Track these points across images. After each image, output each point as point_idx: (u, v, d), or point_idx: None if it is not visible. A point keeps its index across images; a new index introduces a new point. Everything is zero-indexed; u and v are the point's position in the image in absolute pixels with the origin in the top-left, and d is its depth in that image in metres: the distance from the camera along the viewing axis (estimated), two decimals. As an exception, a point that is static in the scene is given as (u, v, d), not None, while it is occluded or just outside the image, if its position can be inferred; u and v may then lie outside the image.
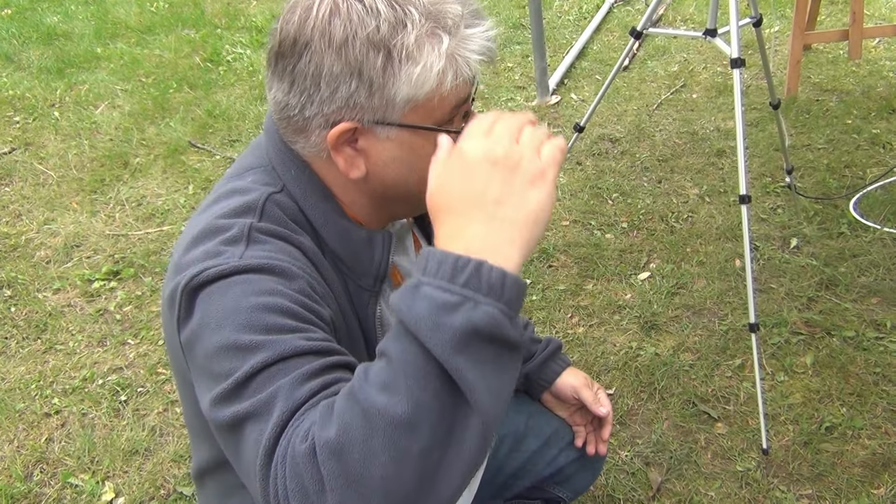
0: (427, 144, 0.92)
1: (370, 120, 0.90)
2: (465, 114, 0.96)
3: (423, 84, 0.88)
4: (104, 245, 2.99)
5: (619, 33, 4.54)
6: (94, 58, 4.77)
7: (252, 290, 0.84)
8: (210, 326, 0.84)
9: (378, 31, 0.86)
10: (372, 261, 1.00)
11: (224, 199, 0.97)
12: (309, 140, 0.94)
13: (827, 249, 2.59)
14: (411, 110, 0.90)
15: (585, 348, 2.31)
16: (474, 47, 0.89)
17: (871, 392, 2.06)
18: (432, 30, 0.87)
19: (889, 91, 3.55)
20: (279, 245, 0.91)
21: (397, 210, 1.04)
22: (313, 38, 0.87)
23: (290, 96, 0.91)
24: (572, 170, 3.23)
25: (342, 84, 0.88)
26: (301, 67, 0.89)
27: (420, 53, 0.87)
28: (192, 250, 0.91)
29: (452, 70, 0.89)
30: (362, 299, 1.00)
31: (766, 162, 3.11)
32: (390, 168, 0.95)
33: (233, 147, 3.66)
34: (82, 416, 2.23)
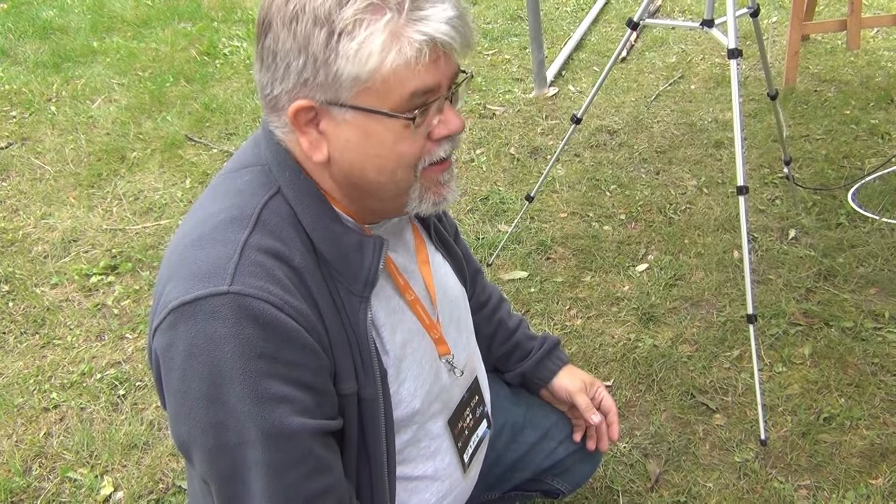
0: (383, 130, 0.92)
1: (323, 99, 0.91)
2: (441, 108, 0.95)
3: (366, 62, 0.87)
4: (102, 239, 2.99)
5: (616, 24, 4.53)
6: (91, 52, 4.76)
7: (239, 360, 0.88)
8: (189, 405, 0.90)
9: (324, 6, 0.86)
10: (361, 266, 0.99)
11: (220, 199, 0.98)
12: (280, 119, 0.95)
13: (825, 240, 2.59)
14: (362, 92, 0.90)
15: (583, 340, 2.31)
16: (425, 28, 0.87)
17: (869, 382, 2.06)
18: (374, 6, 0.86)
19: (887, 81, 3.54)
20: (269, 269, 0.91)
21: (369, 203, 1.03)
22: (275, 17, 0.89)
23: (261, 74, 0.94)
24: (570, 162, 3.22)
25: (293, 60, 0.89)
26: (267, 45, 0.91)
27: (358, 28, 0.86)
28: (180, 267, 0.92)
29: (396, 49, 0.87)
30: (353, 304, 1.00)
31: (765, 153, 3.11)
32: (348, 151, 0.95)
33: (230, 140, 3.65)
34: (81, 411, 2.23)
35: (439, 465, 1.23)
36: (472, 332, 1.34)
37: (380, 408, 1.04)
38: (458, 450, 1.27)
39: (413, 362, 1.11)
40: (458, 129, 0.97)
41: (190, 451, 0.94)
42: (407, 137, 0.94)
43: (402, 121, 0.92)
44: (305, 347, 0.92)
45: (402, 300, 1.11)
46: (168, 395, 0.92)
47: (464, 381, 1.27)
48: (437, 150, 0.98)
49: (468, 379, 1.29)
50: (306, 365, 0.93)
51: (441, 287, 1.20)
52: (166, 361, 0.90)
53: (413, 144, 0.95)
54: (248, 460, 0.91)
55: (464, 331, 1.28)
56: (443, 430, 1.22)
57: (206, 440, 0.91)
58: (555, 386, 1.47)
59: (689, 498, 1.83)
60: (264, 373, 0.89)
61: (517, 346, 1.49)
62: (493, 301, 1.49)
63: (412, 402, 1.12)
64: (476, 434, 1.32)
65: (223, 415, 0.89)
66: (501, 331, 1.49)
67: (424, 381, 1.14)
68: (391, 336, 1.07)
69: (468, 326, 1.31)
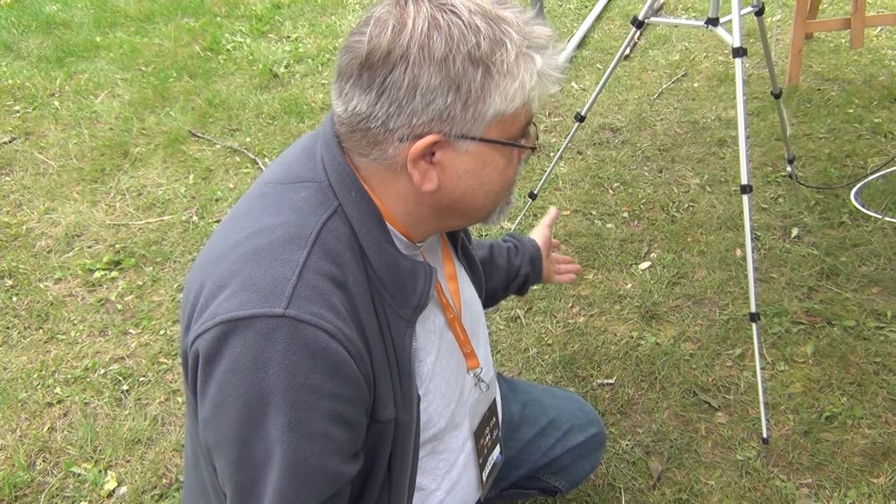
0: (499, 158, 0.96)
1: (456, 133, 0.91)
2: (526, 129, 0.99)
3: (514, 100, 0.91)
4: (105, 235, 2.99)
5: (620, 22, 4.52)
6: (94, 47, 4.76)
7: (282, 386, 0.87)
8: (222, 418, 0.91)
9: (478, 47, 0.88)
10: (415, 292, 1.00)
11: (276, 213, 0.96)
12: (385, 152, 0.94)
13: (828, 239, 2.59)
14: (495, 125, 0.92)
15: (586, 338, 2.32)
16: (557, 65, 0.94)
17: (871, 381, 2.07)
18: (528, 49, 0.90)
19: (891, 80, 3.54)
20: (326, 295, 0.90)
21: (453, 222, 1.05)
22: (411, 51, 0.87)
23: (377, 107, 0.91)
24: (573, 159, 3.22)
25: (439, 97, 0.89)
26: (395, 78, 0.88)
27: (517, 70, 0.89)
28: (234, 278, 0.91)
29: (540, 88, 0.92)
30: (400, 329, 1.00)
31: (768, 151, 3.11)
32: (462, 181, 0.96)
33: (233, 136, 3.65)
34: (84, 406, 2.23)
35: (457, 477, 1.24)
36: (489, 347, 1.35)
37: (412, 431, 1.05)
38: (479, 465, 1.28)
39: (441, 380, 1.12)
40: (538, 146, 1.03)
41: (214, 456, 0.96)
42: (513, 161, 0.99)
43: (517, 149, 0.98)
44: (350, 380, 0.92)
45: (443, 317, 1.12)
46: (203, 401, 0.92)
47: (488, 396, 1.28)
48: (520, 166, 1.03)
49: (491, 395, 1.30)
50: (348, 399, 0.92)
51: (466, 303, 1.21)
52: (207, 369, 0.90)
53: (514, 167, 1.00)
54: (267, 479, 0.92)
55: (483, 343, 1.29)
56: (463, 442, 1.23)
57: (231, 452, 0.92)
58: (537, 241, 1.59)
59: (690, 496, 1.83)
60: (305, 405, 0.88)
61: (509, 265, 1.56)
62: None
63: (439, 422, 1.14)
64: (492, 456, 1.33)
65: (254, 434, 0.89)
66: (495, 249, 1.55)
67: (451, 398, 1.16)
68: (426, 357, 1.09)
69: (487, 340, 1.33)
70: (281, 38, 4.73)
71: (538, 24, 0.93)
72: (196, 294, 0.94)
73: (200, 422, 0.94)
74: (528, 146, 0.99)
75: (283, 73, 4.26)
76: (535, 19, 0.93)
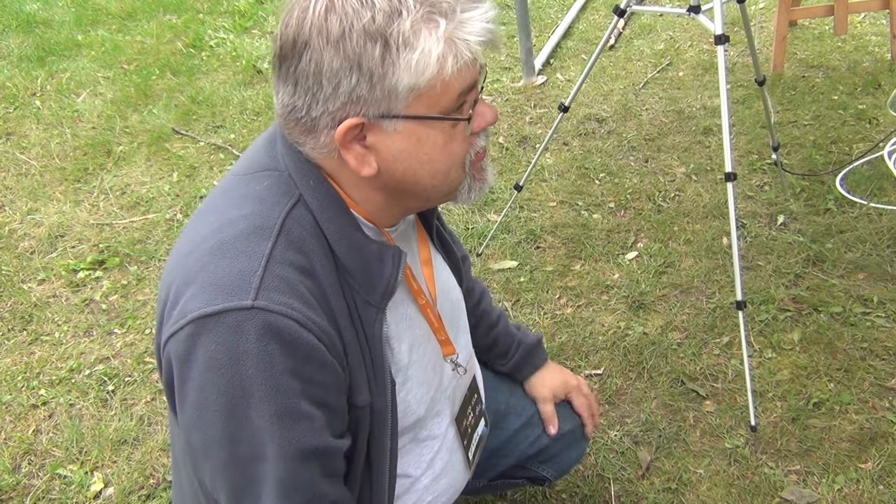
0: (435, 134, 0.93)
1: (375, 114, 0.89)
2: (474, 101, 0.96)
3: (424, 70, 0.87)
4: (89, 234, 2.97)
5: (604, 12, 4.52)
6: (75, 45, 4.71)
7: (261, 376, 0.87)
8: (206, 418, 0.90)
9: (374, 21, 0.85)
10: (381, 277, 0.99)
11: (239, 205, 0.95)
12: (318, 141, 0.93)
13: (814, 226, 2.59)
14: (415, 100, 0.89)
15: (574, 329, 2.31)
16: (473, 29, 0.88)
17: (858, 367, 2.07)
18: (428, 15, 0.86)
19: (875, 66, 3.54)
20: (293, 284, 0.90)
21: (410, 204, 1.04)
22: (311, 37, 0.87)
23: (296, 98, 0.90)
24: (559, 150, 3.21)
25: (343, 79, 0.87)
26: (303, 67, 0.88)
27: (417, 39, 0.86)
28: (201, 274, 0.90)
29: (452, 54, 0.88)
30: (369, 316, 1.00)
31: (753, 139, 3.11)
32: (400, 161, 0.94)
33: (217, 133, 3.62)
34: (70, 407, 2.22)
35: (442, 463, 1.24)
36: (469, 332, 1.34)
37: (388, 417, 1.04)
38: (465, 447, 1.28)
39: (419, 368, 1.12)
40: (494, 118, 0.99)
41: (202, 461, 0.94)
42: (456, 137, 0.95)
43: (451, 122, 0.93)
44: (325, 365, 0.92)
45: (415, 305, 1.11)
46: (183, 404, 0.91)
47: (466, 379, 1.28)
48: (478, 141, 1.00)
49: (469, 377, 1.30)
50: (325, 383, 0.92)
51: (442, 289, 1.20)
52: (183, 371, 0.89)
53: (461, 142, 0.96)
54: (262, 475, 0.91)
55: (463, 331, 1.29)
56: (445, 429, 1.23)
57: (220, 452, 0.91)
58: (526, 390, 1.51)
59: (680, 485, 1.83)
60: (285, 389, 0.88)
61: (496, 341, 1.50)
62: (476, 292, 1.50)
63: (417, 409, 1.13)
64: (477, 432, 1.33)
65: (240, 429, 0.89)
66: (483, 322, 1.50)
67: (430, 386, 1.15)
68: (399, 345, 1.08)
69: (467, 327, 1.32)
70: (264, 34, 4.70)
71: None
72: (166, 292, 0.94)
73: (183, 427, 0.93)
74: (461, 118, 0.94)
75: (266, 68, 4.23)
76: None
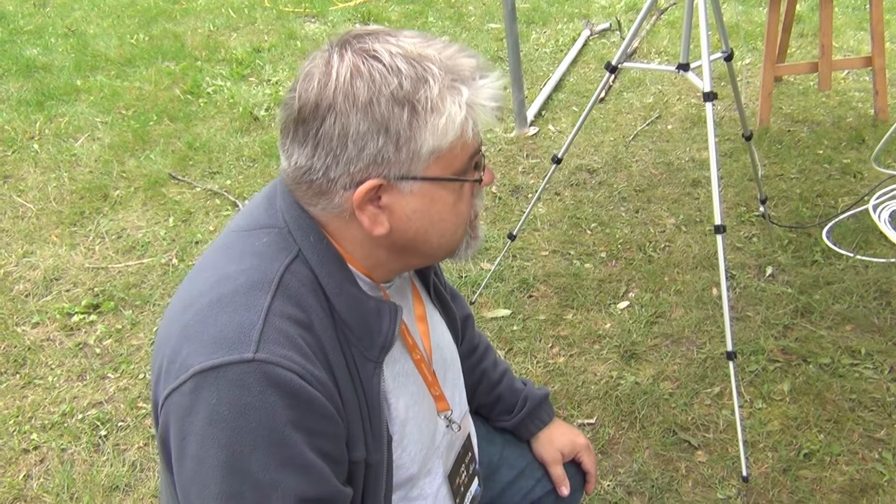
0: (446, 194, 0.97)
1: (396, 175, 0.93)
2: (476, 163, 0.99)
3: (447, 134, 0.92)
4: (84, 278, 2.98)
5: (594, 65, 4.62)
6: (74, 90, 4.77)
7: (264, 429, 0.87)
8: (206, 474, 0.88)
9: (401, 87, 0.89)
10: (380, 332, 1.01)
11: (238, 260, 0.97)
12: (332, 201, 0.95)
13: (801, 277, 2.64)
14: (434, 162, 0.93)
15: (566, 378, 2.33)
16: (489, 95, 0.94)
17: (847, 418, 2.09)
18: (452, 82, 0.91)
19: (858, 122, 3.64)
20: (292, 337, 0.91)
21: (413, 261, 1.06)
22: (336, 100, 0.90)
23: (315, 159, 0.93)
24: (551, 200, 3.27)
25: (370, 141, 0.90)
26: (326, 130, 0.91)
27: (443, 105, 0.91)
28: (201, 328, 0.91)
29: (472, 119, 0.93)
30: (367, 371, 1.01)
31: (741, 192, 3.17)
32: (413, 221, 0.97)
33: (213, 179, 3.66)
34: (61, 452, 2.21)
35: None
36: (464, 389, 1.35)
37: (383, 473, 1.05)
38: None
39: (414, 426, 1.12)
40: (492, 179, 1.04)
41: None
42: (463, 197, 0.99)
43: (463, 183, 0.98)
44: (327, 415, 0.93)
45: (410, 361, 1.12)
46: (182, 460, 0.91)
47: (461, 436, 1.29)
48: (478, 201, 1.04)
49: (464, 434, 1.30)
50: (327, 433, 0.93)
51: (437, 344, 1.21)
52: (183, 426, 0.89)
53: (468, 202, 1.01)
54: None
55: (458, 388, 1.29)
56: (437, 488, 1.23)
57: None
58: (533, 450, 1.51)
59: (672, 535, 1.84)
60: (289, 441, 0.89)
61: (500, 398, 1.50)
62: (479, 350, 1.50)
63: (410, 467, 1.13)
64: (470, 491, 1.32)
65: (241, 483, 0.88)
66: (485, 381, 1.50)
67: (423, 443, 1.16)
68: (396, 401, 1.08)
69: (461, 384, 1.33)
70: (261, 82, 4.78)
71: (463, 56, 0.94)
72: (164, 346, 0.94)
73: (181, 482, 0.93)
74: (473, 179, 0.99)
75: (263, 116, 4.29)
76: (460, 52, 0.94)
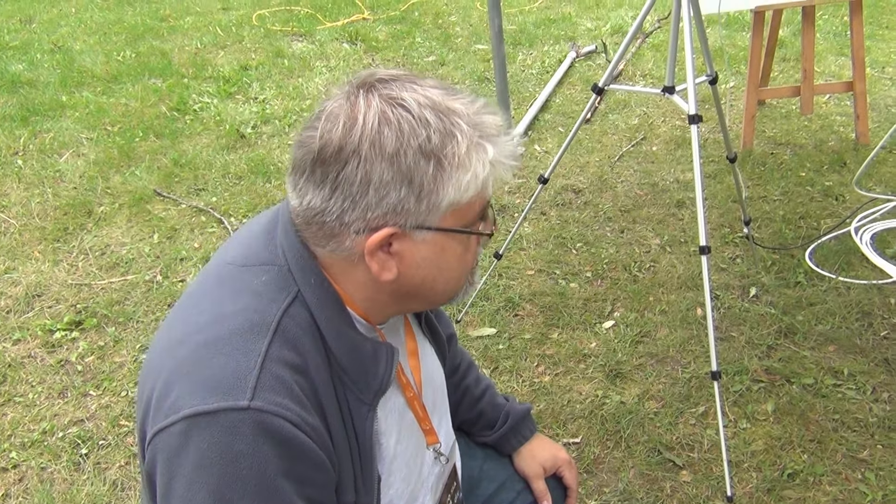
0: (456, 245, 0.98)
1: (412, 224, 0.93)
2: (483, 215, 1.00)
3: (468, 190, 0.92)
4: (66, 294, 2.95)
5: (580, 87, 4.66)
6: (59, 106, 4.76)
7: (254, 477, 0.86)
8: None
9: (429, 140, 0.89)
10: (376, 376, 1.00)
11: (235, 298, 0.96)
12: (342, 244, 0.95)
13: (785, 298, 2.66)
14: (451, 214, 0.94)
15: (551, 397, 2.33)
16: (509, 154, 0.95)
17: (830, 439, 2.11)
18: (479, 139, 0.92)
19: (840, 145, 3.69)
20: (288, 384, 0.91)
21: (413, 306, 1.06)
22: (362, 146, 0.89)
23: (331, 202, 0.92)
24: (537, 220, 3.28)
25: (392, 191, 0.90)
26: (347, 174, 0.90)
27: (469, 162, 0.91)
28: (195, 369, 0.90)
29: (493, 176, 0.94)
30: (361, 413, 1.00)
31: (725, 213, 3.20)
32: (421, 269, 0.97)
33: (198, 196, 3.65)
34: (41, 471, 2.18)
35: None
36: (450, 417, 1.35)
37: None
38: None
39: (402, 462, 1.12)
40: (495, 229, 1.04)
41: None
42: (470, 248, 1.00)
43: (475, 235, 0.99)
44: (318, 464, 0.92)
45: (403, 398, 1.12)
46: (168, 499, 0.90)
47: (448, 468, 1.28)
48: (480, 249, 1.05)
49: (451, 465, 1.30)
50: (317, 481, 0.93)
51: (428, 377, 1.21)
52: (171, 467, 0.88)
53: (475, 253, 1.02)
54: None
55: (445, 417, 1.29)
56: None
57: None
58: (515, 464, 1.50)
59: (657, 556, 1.83)
60: (278, 490, 0.88)
61: (482, 414, 1.50)
62: (462, 367, 1.50)
63: (398, 503, 1.13)
64: None
65: None
66: (467, 398, 1.50)
67: (411, 479, 1.15)
68: (388, 440, 1.08)
69: (448, 412, 1.33)
70: (248, 100, 4.78)
71: (488, 114, 0.95)
72: (154, 378, 0.93)
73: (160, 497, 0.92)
74: (485, 232, 1.00)
75: (249, 133, 4.29)
76: (484, 108, 0.95)
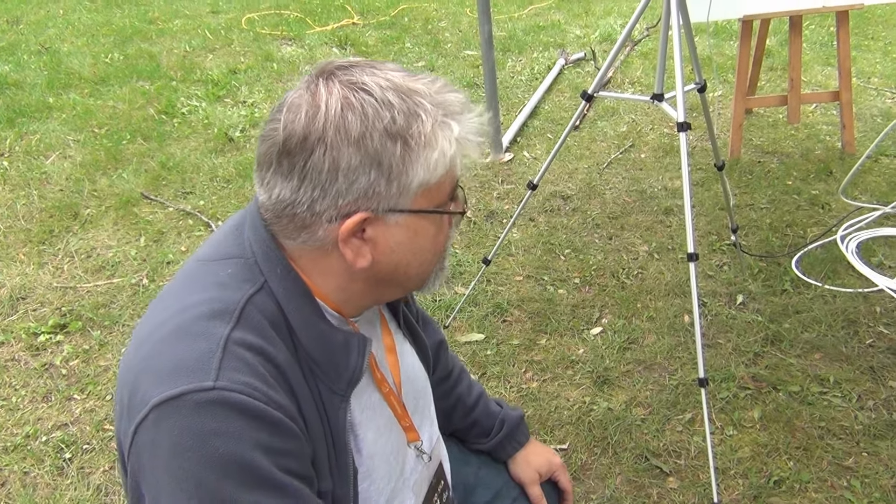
0: (429, 226, 0.97)
1: (384, 208, 0.92)
2: (454, 195, 1.00)
3: (437, 169, 0.92)
4: (51, 297, 2.93)
5: (569, 94, 4.68)
6: (46, 108, 4.73)
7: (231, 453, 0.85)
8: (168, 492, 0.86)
9: (394, 121, 0.89)
10: (347, 367, 0.99)
11: (200, 290, 0.95)
12: (314, 234, 0.94)
13: (771, 306, 2.67)
14: (422, 195, 0.94)
15: (539, 403, 2.33)
16: (475, 130, 0.95)
17: (816, 446, 2.11)
18: (443, 117, 0.92)
19: (826, 154, 3.71)
20: (253, 365, 0.90)
21: (387, 294, 1.05)
22: (327, 133, 0.88)
23: (300, 193, 0.91)
24: (525, 226, 3.28)
25: (361, 175, 0.89)
26: (315, 162, 0.89)
27: (436, 140, 0.91)
28: (159, 359, 0.89)
29: (461, 153, 0.94)
30: (333, 403, 0.99)
31: (713, 220, 3.21)
32: (395, 253, 0.97)
33: (186, 199, 3.63)
34: (24, 475, 2.15)
35: None
36: (435, 418, 1.35)
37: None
38: None
39: (382, 459, 1.11)
40: (467, 209, 1.05)
41: None
42: (443, 228, 1.00)
43: (447, 215, 0.99)
44: (290, 435, 0.91)
45: (378, 393, 1.11)
46: (150, 493, 0.88)
47: (432, 466, 1.28)
48: (453, 231, 1.04)
49: (434, 464, 1.29)
50: (294, 451, 0.92)
51: (407, 376, 1.20)
52: (149, 459, 0.87)
53: (447, 234, 1.01)
54: None
55: (428, 417, 1.29)
56: None
57: None
58: (510, 470, 1.50)
59: (644, 562, 1.83)
60: (256, 464, 0.87)
61: (476, 423, 1.50)
62: (454, 375, 1.50)
63: (378, 500, 1.12)
64: None
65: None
66: (460, 406, 1.49)
67: (392, 476, 1.14)
68: (365, 434, 1.07)
69: (432, 413, 1.32)
70: (237, 103, 4.77)
71: (450, 92, 0.95)
72: (125, 382, 0.92)
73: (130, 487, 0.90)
74: (457, 211, 1.00)
75: (238, 137, 4.28)
76: (446, 87, 0.95)
